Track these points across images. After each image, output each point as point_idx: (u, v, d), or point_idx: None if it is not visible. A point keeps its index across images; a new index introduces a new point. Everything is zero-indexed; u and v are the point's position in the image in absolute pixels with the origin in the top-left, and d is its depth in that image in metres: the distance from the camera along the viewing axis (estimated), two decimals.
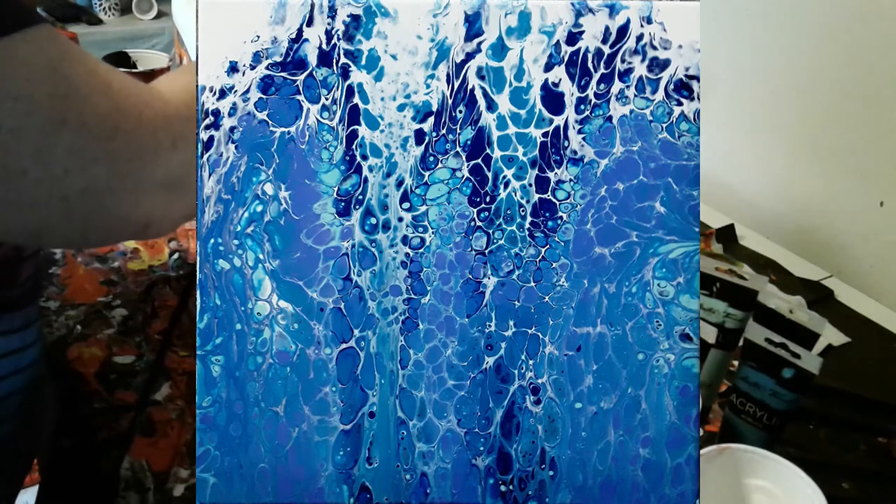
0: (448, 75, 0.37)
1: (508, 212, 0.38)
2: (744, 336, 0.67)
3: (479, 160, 0.38)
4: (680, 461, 0.38)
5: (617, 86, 0.38)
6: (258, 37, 0.37)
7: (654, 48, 0.37)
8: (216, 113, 0.37)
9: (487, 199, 0.38)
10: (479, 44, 0.37)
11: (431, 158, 0.38)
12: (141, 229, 0.45)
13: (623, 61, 0.38)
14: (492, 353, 0.38)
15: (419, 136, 0.37)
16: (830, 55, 1.09)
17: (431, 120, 0.37)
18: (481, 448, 0.38)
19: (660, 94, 0.38)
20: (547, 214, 0.38)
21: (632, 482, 0.38)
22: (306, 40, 0.37)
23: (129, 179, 0.41)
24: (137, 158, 0.41)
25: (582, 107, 0.38)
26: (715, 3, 1.23)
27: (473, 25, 0.37)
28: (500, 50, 0.37)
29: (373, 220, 0.38)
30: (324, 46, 0.37)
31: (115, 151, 0.40)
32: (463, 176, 0.38)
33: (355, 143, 0.37)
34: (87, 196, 0.40)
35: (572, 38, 0.37)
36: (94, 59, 0.41)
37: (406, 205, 0.38)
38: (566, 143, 0.38)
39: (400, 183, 0.38)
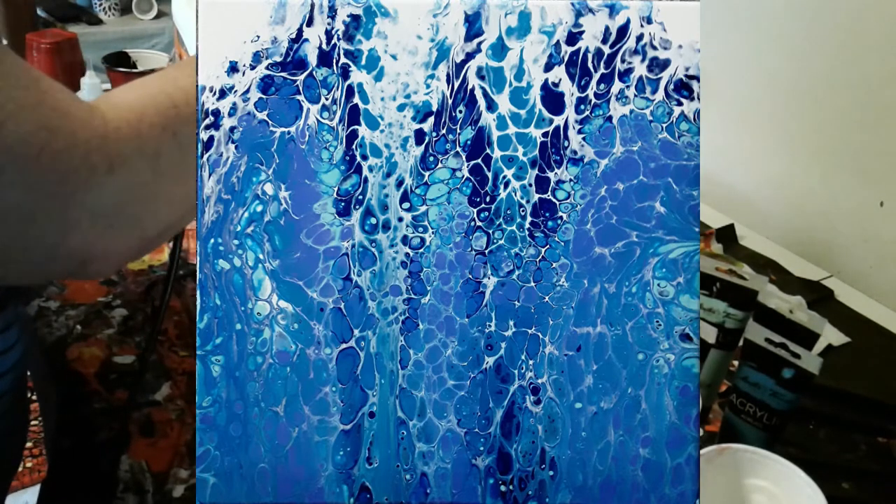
0: (448, 75, 0.37)
1: (508, 212, 0.38)
2: (744, 336, 0.67)
3: (479, 160, 0.38)
4: (680, 461, 0.38)
5: (617, 86, 0.38)
6: (258, 37, 0.37)
7: (654, 48, 0.37)
8: (216, 113, 0.37)
9: (487, 199, 0.38)
10: (479, 44, 0.37)
11: (431, 158, 0.38)
12: (77, 266, 0.40)
13: (623, 61, 0.38)
14: (492, 353, 0.38)
15: (419, 136, 0.37)
16: (830, 55, 1.09)
17: (431, 120, 0.37)
18: (481, 448, 0.38)
19: (660, 94, 0.38)
20: (547, 214, 0.38)
21: (632, 482, 0.38)
22: (306, 40, 0.37)
23: (55, 207, 0.36)
24: (66, 183, 0.36)
25: (582, 107, 0.38)
26: (715, 3, 1.23)
27: (473, 25, 0.37)
28: (500, 50, 0.37)
29: (373, 220, 0.38)
30: (324, 46, 0.37)
31: (40, 174, 0.35)
32: (463, 176, 0.38)
33: (355, 143, 0.37)
34: (2, 224, 0.35)
35: (572, 38, 0.37)
36: (30, 72, 0.38)
37: (406, 205, 0.38)
38: (566, 143, 0.38)
39: (400, 183, 0.38)
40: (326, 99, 0.37)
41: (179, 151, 0.42)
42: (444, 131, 0.38)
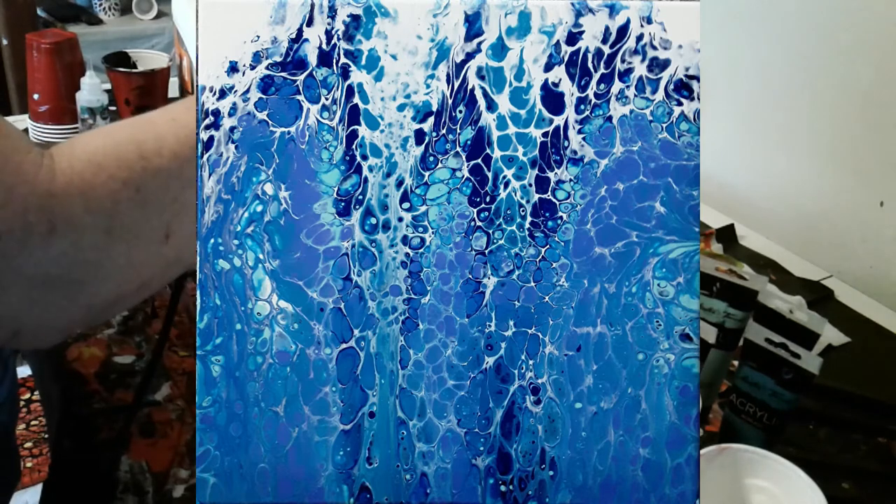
0: (448, 75, 0.37)
1: (508, 212, 0.38)
2: (744, 336, 0.67)
3: (479, 160, 0.38)
4: (680, 461, 0.38)
5: (617, 86, 0.38)
6: (258, 37, 0.37)
7: (654, 48, 0.37)
8: (216, 113, 0.37)
9: (487, 199, 0.38)
10: (479, 44, 0.37)
11: (431, 158, 0.38)
12: (8, 337, 0.36)
13: (623, 61, 0.38)
14: (492, 353, 0.38)
15: (419, 136, 0.37)
16: (831, 55, 1.09)
17: (431, 120, 0.37)
18: (481, 448, 0.38)
19: (660, 94, 0.38)
20: (547, 214, 0.38)
21: (632, 482, 0.38)
22: (306, 40, 0.37)
23: None
24: None
25: (582, 107, 0.38)
26: (715, 3, 1.23)
27: (473, 25, 0.37)
28: (500, 50, 0.37)
29: (373, 220, 0.38)
30: (324, 46, 0.37)
31: None
32: (463, 176, 0.38)
33: (355, 143, 0.37)
34: None
35: (572, 38, 0.37)
36: None
37: (406, 205, 0.38)
38: (566, 143, 0.38)
39: (400, 183, 0.38)
40: (326, 99, 0.37)
41: (142, 210, 0.38)
42: (444, 131, 0.38)
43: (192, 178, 0.41)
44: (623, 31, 0.37)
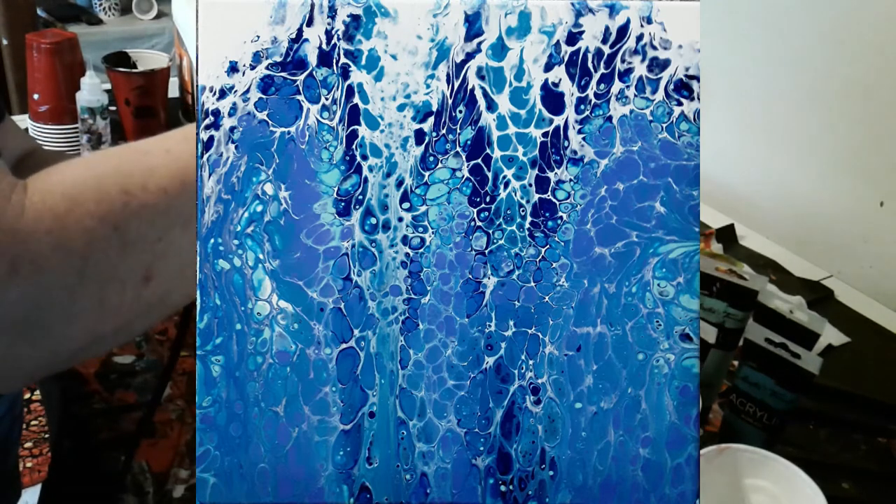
0: (448, 75, 0.37)
1: (508, 212, 0.38)
2: (744, 336, 0.67)
3: (479, 160, 0.38)
4: (680, 461, 0.38)
5: (617, 86, 0.38)
6: (258, 37, 0.37)
7: (654, 48, 0.37)
8: (216, 113, 0.37)
9: (487, 199, 0.38)
10: (479, 44, 0.37)
11: (431, 158, 0.38)
12: None
13: (623, 61, 0.38)
14: (492, 353, 0.38)
15: (419, 136, 0.37)
16: (830, 55, 1.09)
17: (431, 120, 0.37)
18: (481, 448, 0.38)
19: (660, 94, 0.38)
20: (547, 214, 0.38)
21: (632, 482, 0.38)
22: (306, 40, 0.37)
23: None
24: None
25: (582, 107, 0.38)
26: (715, 3, 1.23)
27: (473, 25, 0.37)
28: (500, 50, 0.37)
29: (373, 220, 0.38)
30: (324, 46, 0.37)
31: None
32: (463, 176, 0.38)
33: (355, 143, 0.37)
34: None
35: (572, 38, 0.37)
36: None
37: (406, 205, 0.38)
38: (566, 143, 0.38)
39: (400, 183, 0.38)
40: (326, 99, 0.37)
41: (120, 250, 0.35)
42: (444, 131, 0.38)
43: (182, 216, 0.39)
44: (623, 31, 0.37)
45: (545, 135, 0.38)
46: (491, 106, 0.37)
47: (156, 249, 0.37)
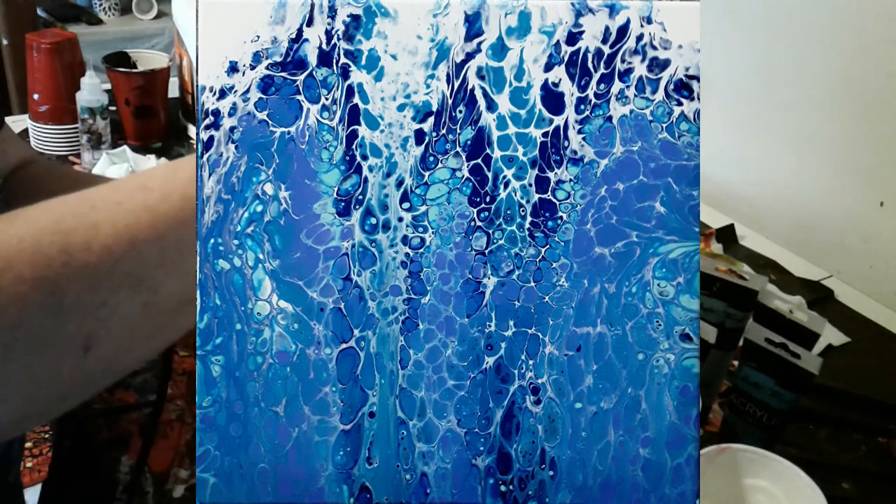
0: (448, 75, 0.37)
1: (508, 212, 0.38)
2: (744, 336, 0.67)
3: (479, 160, 0.38)
4: (680, 461, 0.38)
5: (617, 86, 0.38)
6: (258, 37, 0.37)
7: (654, 48, 0.37)
8: (216, 113, 0.37)
9: (487, 199, 0.38)
10: (479, 44, 0.37)
11: (431, 158, 0.38)
12: None
13: (623, 61, 0.38)
14: (492, 353, 0.38)
15: (419, 136, 0.37)
16: (830, 55, 1.09)
17: (431, 120, 0.37)
18: (481, 448, 0.38)
19: (660, 94, 0.38)
20: (547, 214, 0.38)
21: (632, 482, 0.38)
22: (306, 40, 0.37)
23: None
24: None
25: (582, 107, 0.38)
26: (715, 3, 1.23)
27: (473, 25, 0.37)
28: (500, 50, 0.37)
29: (373, 220, 0.38)
30: (324, 46, 0.37)
31: None
32: (463, 176, 0.38)
33: (355, 143, 0.37)
34: None
35: (572, 38, 0.37)
36: None
37: (406, 205, 0.38)
38: (566, 143, 0.38)
39: (400, 183, 0.38)
40: (326, 99, 0.37)
41: (55, 318, 0.31)
42: (444, 131, 0.38)
43: (130, 277, 0.35)
44: (623, 31, 0.37)
45: (545, 135, 0.38)
46: (491, 106, 0.37)
47: (99, 315, 0.33)
